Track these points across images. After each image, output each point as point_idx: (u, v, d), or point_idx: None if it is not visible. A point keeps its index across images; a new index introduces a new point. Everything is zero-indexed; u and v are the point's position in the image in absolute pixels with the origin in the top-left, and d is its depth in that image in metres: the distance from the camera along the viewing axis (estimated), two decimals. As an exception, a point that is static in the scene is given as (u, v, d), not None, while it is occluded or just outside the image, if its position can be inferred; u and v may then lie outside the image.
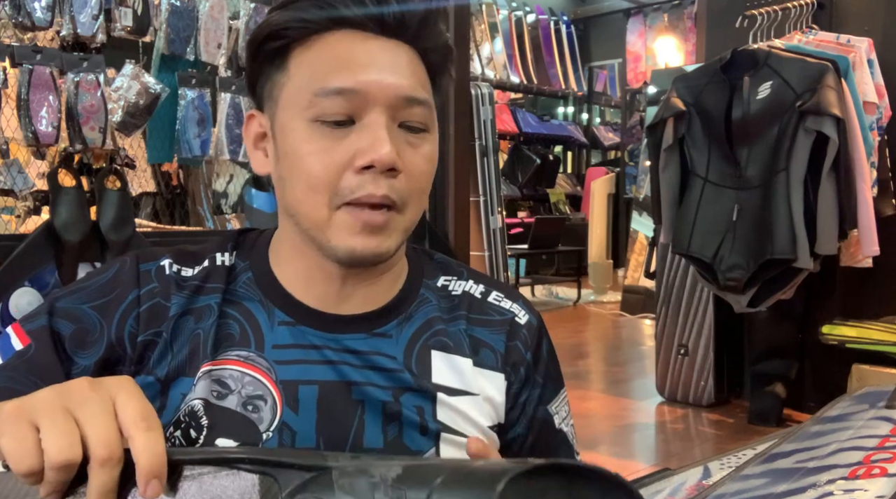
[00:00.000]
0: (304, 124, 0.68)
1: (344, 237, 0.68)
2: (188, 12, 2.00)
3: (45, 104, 1.76)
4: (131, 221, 1.88)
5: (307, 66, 0.68)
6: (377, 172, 0.66)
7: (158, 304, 0.72)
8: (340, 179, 0.67)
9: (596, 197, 7.71)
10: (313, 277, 0.74)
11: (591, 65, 9.39)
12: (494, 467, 0.49)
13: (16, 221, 2.32)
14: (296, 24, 0.68)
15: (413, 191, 0.69)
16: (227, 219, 2.89)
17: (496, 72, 7.87)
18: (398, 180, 0.68)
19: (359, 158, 0.66)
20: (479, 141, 5.18)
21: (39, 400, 0.47)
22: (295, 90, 0.69)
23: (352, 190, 0.66)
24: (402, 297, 0.78)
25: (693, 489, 0.56)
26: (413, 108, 0.69)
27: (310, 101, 0.67)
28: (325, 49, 0.68)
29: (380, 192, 0.66)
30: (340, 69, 0.67)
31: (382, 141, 0.66)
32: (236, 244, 0.79)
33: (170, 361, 0.71)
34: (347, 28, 0.68)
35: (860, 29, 3.28)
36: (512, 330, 0.80)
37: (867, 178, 2.97)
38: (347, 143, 0.67)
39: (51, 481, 0.45)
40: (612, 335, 5.96)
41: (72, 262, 1.81)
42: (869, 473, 0.51)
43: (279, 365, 0.72)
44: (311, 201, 0.68)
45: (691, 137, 3.21)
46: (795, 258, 2.92)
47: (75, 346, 0.70)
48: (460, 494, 0.47)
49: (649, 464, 2.98)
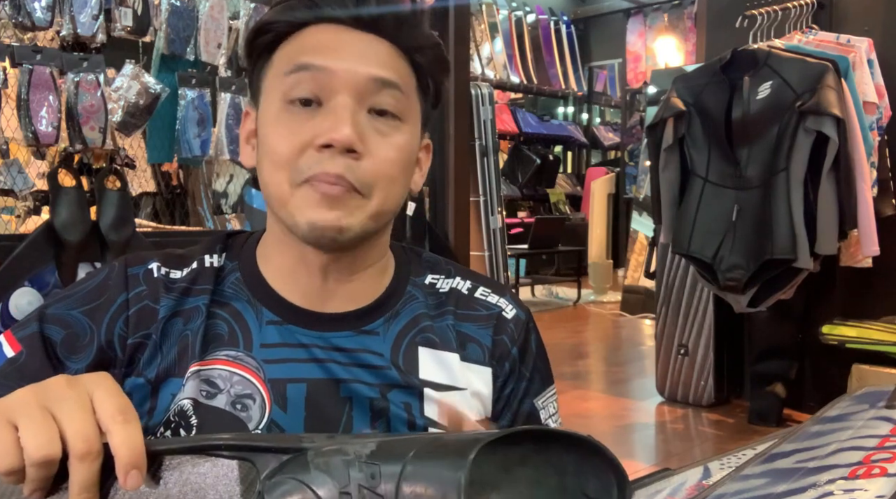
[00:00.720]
0: (277, 106, 0.70)
1: (304, 211, 0.69)
2: (188, 12, 2.00)
3: (45, 104, 1.76)
4: (131, 221, 1.88)
5: (284, 56, 0.72)
6: (335, 152, 0.67)
7: (147, 306, 0.73)
8: (300, 157, 0.68)
9: (596, 197, 7.72)
10: (296, 271, 0.75)
11: (591, 65, 9.39)
12: (467, 437, 0.50)
13: (16, 221, 2.32)
14: (280, 19, 0.72)
15: (378, 176, 0.69)
16: (227, 219, 2.89)
17: (496, 72, 7.87)
18: (359, 163, 0.68)
19: (319, 137, 0.68)
20: (479, 141, 5.18)
21: (16, 399, 0.47)
22: (274, 75, 0.72)
23: (310, 166, 0.68)
24: (389, 294, 0.79)
25: (693, 489, 0.56)
26: (383, 90, 0.70)
27: (282, 80, 0.70)
28: (304, 37, 0.72)
29: (335, 170, 0.67)
30: (312, 51, 0.70)
31: (343, 121, 0.67)
32: (225, 246, 0.80)
33: (159, 362, 0.72)
34: (327, 23, 0.71)
35: (860, 29, 3.28)
36: (499, 324, 0.81)
37: (867, 178, 2.97)
38: (312, 124, 0.68)
39: (33, 479, 0.45)
40: (612, 335, 5.96)
41: (72, 262, 1.81)
42: (869, 473, 0.51)
43: (267, 364, 0.73)
44: (276, 179, 0.70)
45: (691, 137, 3.21)
46: (795, 258, 2.92)
47: (67, 351, 0.71)
48: (433, 465, 0.48)
49: (649, 464, 2.98)
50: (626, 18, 9.03)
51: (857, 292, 3.36)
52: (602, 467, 0.51)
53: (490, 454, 0.48)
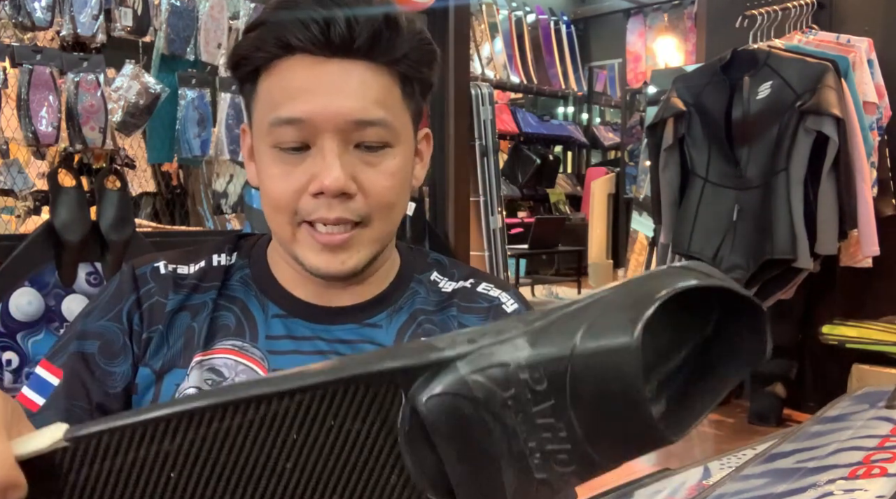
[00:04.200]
0: (267, 149, 0.71)
1: (308, 255, 0.72)
2: (188, 12, 2.00)
3: (45, 104, 1.76)
4: (131, 221, 1.88)
5: (265, 94, 0.71)
6: (329, 197, 0.69)
7: (157, 302, 0.76)
8: (298, 202, 0.70)
9: (596, 197, 7.71)
10: (303, 275, 0.76)
11: (591, 65, 9.38)
12: (640, 289, 0.39)
13: (16, 221, 2.32)
14: (255, 54, 0.71)
15: (375, 208, 0.71)
16: (227, 219, 2.89)
17: (496, 72, 7.86)
18: (355, 202, 0.70)
19: (312, 184, 0.69)
20: (479, 141, 5.18)
21: None
22: (259, 118, 0.72)
23: (308, 212, 0.70)
24: (393, 289, 0.80)
25: (693, 489, 0.56)
26: (365, 129, 0.69)
27: (268, 131, 0.70)
28: (278, 78, 0.70)
29: (332, 215, 0.69)
30: (289, 99, 0.69)
31: (330, 168, 0.68)
32: (235, 246, 0.82)
33: (165, 353, 0.75)
34: (300, 53, 0.69)
35: (860, 29, 3.27)
36: (496, 314, 0.82)
37: (867, 178, 2.97)
38: (303, 167, 0.69)
39: None
40: (612, 335, 5.94)
41: (72, 262, 1.81)
42: (869, 473, 0.51)
43: (272, 355, 0.75)
44: (277, 220, 0.72)
45: (691, 137, 3.21)
46: (795, 258, 2.92)
47: (106, 358, 0.75)
48: (604, 337, 0.38)
49: (649, 464, 2.98)
50: (626, 18, 9.02)
51: (857, 292, 3.36)
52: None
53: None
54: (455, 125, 2.61)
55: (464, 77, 2.72)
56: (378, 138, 0.70)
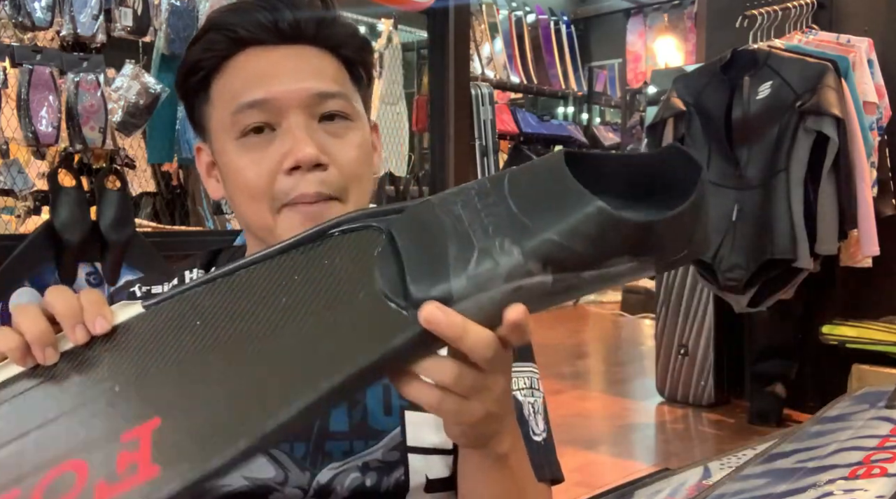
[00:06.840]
0: (233, 144, 0.73)
1: (290, 233, 0.71)
2: (188, 12, 2.00)
3: (45, 104, 1.76)
4: (131, 221, 1.88)
5: (224, 91, 0.73)
6: (304, 171, 0.70)
7: None
8: (274, 183, 0.71)
9: (596, 197, 7.70)
10: None
11: (591, 65, 9.38)
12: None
13: (16, 221, 2.32)
14: (206, 56, 0.74)
15: (348, 178, 0.73)
16: (227, 219, 2.89)
17: (496, 72, 7.86)
18: (328, 174, 0.71)
19: (285, 161, 0.70)
20: (479, 141, 5.18)
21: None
22: (219, 117, 0.74)
23: (286, 192, 0.71)
24: None
25: (693, 489, 0.56)
26: (328, 101, 0.73)
27: (231, 122, 0.72)
28: (235, 72, 0.73)
29: (311, 189, 0.70)
30: (249, 86, 0.72)
31: (302, 141, 0.70)
32: (210, 260, 0.84)
33: None
34: (252, 46, 0.73)
35: (860, 29, 3.27)
36: None
37: (867, 178, 2.97)
38: (273, 149, 0.71)
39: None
40: (612, 335, 5.96)
41: (72, 262, 1.82)
42: (869, 473, 0.51)
43: None
44: (255, 210, 0.73)
45: (691, 137, 3.21)
46: (795, 258, 2.92)
47: None
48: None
49: (649, 464, 2.98)
50: (626, 18, 9.02)
51: (857, 292, 3.35)
52: None
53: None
54: (455, 125, 2.61)
55: (464, 77, 2.72)
56: (341, 108, 0.73)
